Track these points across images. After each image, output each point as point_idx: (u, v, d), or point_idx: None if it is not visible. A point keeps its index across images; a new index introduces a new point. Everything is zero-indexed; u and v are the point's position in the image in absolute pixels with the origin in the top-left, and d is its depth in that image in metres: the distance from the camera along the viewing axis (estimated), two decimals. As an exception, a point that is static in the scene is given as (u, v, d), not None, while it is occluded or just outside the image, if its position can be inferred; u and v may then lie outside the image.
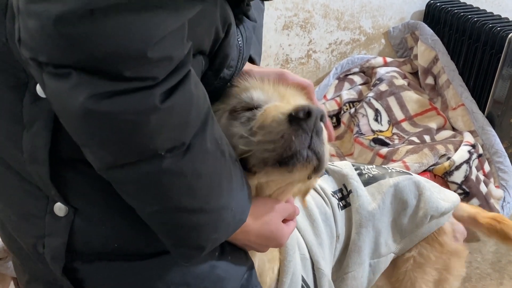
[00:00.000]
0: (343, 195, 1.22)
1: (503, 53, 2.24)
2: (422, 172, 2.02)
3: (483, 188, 2.09)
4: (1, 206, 0.76)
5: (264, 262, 0.93)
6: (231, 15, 0.70)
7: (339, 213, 1.19)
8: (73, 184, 0.68)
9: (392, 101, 2.50)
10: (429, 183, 1.31)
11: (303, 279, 1.04)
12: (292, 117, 0.69)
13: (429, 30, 2.64)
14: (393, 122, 2.47)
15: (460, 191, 2.04)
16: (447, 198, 1.29)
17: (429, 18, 2.77)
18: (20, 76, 0.63)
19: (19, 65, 0.62)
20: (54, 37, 0.49)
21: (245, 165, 0.74)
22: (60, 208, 0.68)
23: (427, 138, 2.31)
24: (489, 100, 2.36)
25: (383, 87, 2.54)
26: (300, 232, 1.09)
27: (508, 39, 2.21)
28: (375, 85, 2.59)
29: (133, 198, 0.63)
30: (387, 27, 2.82)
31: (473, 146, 2.18)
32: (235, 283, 0.80)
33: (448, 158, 2.07)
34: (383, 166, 1.31)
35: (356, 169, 1.25)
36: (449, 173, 2.05)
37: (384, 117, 2.48)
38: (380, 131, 2.43)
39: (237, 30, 0.76)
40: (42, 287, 0.79)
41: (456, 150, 2.15)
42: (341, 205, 1.20)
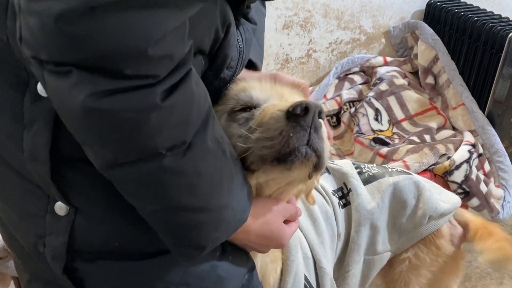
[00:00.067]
0: (343, 194, 1.21)
1: (503, 53, 2.23)
2: (422, 171, 2.02)
3: (483, 187, 2.08)
4: (1, 205, 0.76)
5: (267, 263, 0.92)
6: (231, 15, 0.70)
7: (340, 212, 1.19)
8: (74, 183, 0.68)
9: (392, 100, 2.50)
10: (430, 183, 1.30)
11: (306, 278, 1.04)
12: (290, 113, 0.68)
13: (429, 30, 2.64)
14: (393, 122, 2.47)
15: (460, 190, 2.04)
16: (447, 199, 1.28)
17: (429, 17, 2.77)
18: (21, 75, 0.63)
19: (20, 64, 0.62)
20: (55, 35, 0.48)
21: (244, 164, 0.74)
22: (60, 207, 0.68)
23: (427, 137, 2.31)
24: (489, 100, 2.36)
25: (383, 86, 2.53)
26: (302, 231, 1.09)
27: (508, 38, 2.20)
28: (375, 84, 2.58)
29: (133, 197, 0.63)
30: (387, 27, 2.82)
31: (473, 146, 2.17)
32: (236, 283, 0.80)
33: (448, 158, 2.07)
34: (384, 165, 1.31)
35: (356, 168, 1.25)
36: (449, 172, 2.04)
37: (384, 117, 2.47)
38: (380, 131, 2.43)
39: (237, 31, 0.76)
40: (43, 286, 0.79)
41: (456, 149, 2.15)
42: (341, 203, 1.20)
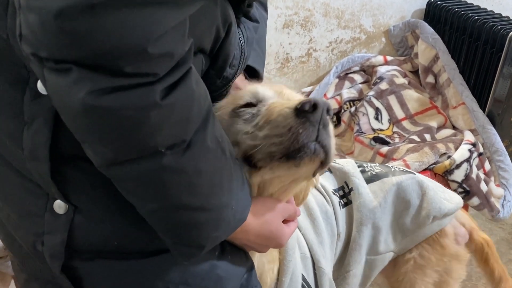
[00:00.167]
0: (344, 193, 1.21)
1: (503, 52, 2.23)
2: (423, 170, 2.02)
3: (483, 186, 2.08)
4: (0, 205, 0.76)
5: (264, 263, 0.92)
6: (232, 14, 0.70)
7: (340, 211, 1.18)
8: (73, 181, 0.67)
9: (392, 99, 2.50)
10: (433, 183, 1.29)
11: (304, 278, 1.03)
12: (298, 110, 0.68)
13: (429, 29, 2.64)
14: (394, 121, 2.47)
15: (460, 189, 2.04)
16: (451, 199, 1.28)
17: (429, 16, 2.77)
18: (21, 73, 0.63)
19: (20, 62, 0.62)
20: (55, 32, 0.48)
21: (250, 161, 0.74)
22: (59, 206, 0.68)
23: (427, 136, 2.30)
24: (489, 99, 2.36)
25: (383, 85, 2.53)
26: (300, 231, 1.09)
27: (508, 37, 2.20)
28: (375, 83, 2.58)
29: (133, 195, 0.63)
30: (387, 26, 2.81)
31: (474, 145, 2.17)
32: (235, 283, 0.80)
33: (449, 157, 2.07)
34: (387, 165, 1.30)
35: (359, 167, 1.24)
36: (449, 171, 2.04)
37: (385, 116, 2.47)
38: (381, 130, 2.42)
39: (238, 29, 0.76)
40: (41, 286, 0.79)
41: (456, 148, 2.14)
42: (342, 203, 1.19)
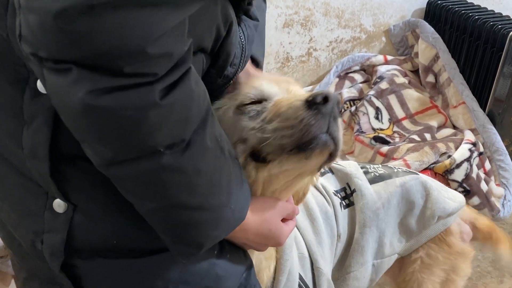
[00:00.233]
0: (346, 194, 1.20)
1: (504, 51, 2.24)
2: (423, 170, 2.02)
3: (483, 186, 2.09)
4: (0, 204, 0.76)
5: (261, 260, 0.92)
6: (233, 13, 0.70)
7: (341, 212, 1.17)
8: (73, 180, 0.68)
9: (392, 99, 2.50)
10: (435, 182, 1.29)
11: (301, 278, 1.03)
12: (310, 102, 0.69)
13: (430, 28, 2.64)
14: (394, 120, 2.47)
15: (460, 189, 2.04)
16: (454, 198, 1.27)
17: (429, 16, 2.77)
18: (21, 72, 0.63)
19: (20, 61, 0.62)
20: (55, 32, 0.48)
21: (258, 157, 0.74)
22: (59, 205, 0.68)
23: (427, 136, 2.31)
24: (490, 98, 2.36)
25: (383, 85, 2.53)
26: (299, 231, 1.08)
27: (509, 37, 2.20)
28: (375, 83, 2.59)
29: (132, 194, 0.63)
30: (387, 25, 2.82)
31: (474, 144, 2.17)
32: (234, 281, 0.80)
33: (449, 156, 2.07)
34: (389, 165, 1.30)
35: (361, 167, 1.24)
36: (449, 171, 2.04)
37: (385, 115, 2.47)
38: (381, 129, 2.43)
39: (239, 28, 0.76)
40: (40, 284, 0.79)
41: (456, 148, 2.15)
42: (343, 204, 1.19)
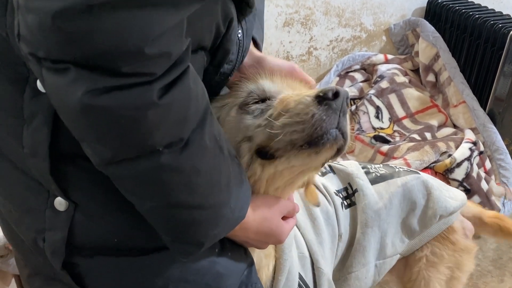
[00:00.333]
0: (348, 194, 1.20)
1: (504, 50, 2.23)
2: (423, 169, 2.02)
3: (484, 185, 2.08)
4: (2, 201, 0.77)
5: (261, 258, 0.93)
6: (233, 9, 0.70)
7: (343, 212, 1.17)
8: (73, 179, 0.68)
9: (393, 98, 2.50)
10: (436, 181, 1.29)
11: (301, 277, 1.03)
12: (320, 97, 0.69)
13: (430, 27, 2.64)
14: (394, 119, 2.47)
15: (461, 188, 2.04)
16: (455, 196, 1.27)
17: (430, 15, 2.77)
18: (21, 71, 0.63)
19: (19, 60, 0.62)
20: (53, 32, 0.49)
21: (264, 154, 0.75)
22: (60, 203, 0.68)
23: (428, 135, 2.31)
24: (490, 97, 2.36)
25: (384, 84, 2.53)
26: (300, 230, 1.08)
27: (509, 36, 2.20)
28: (376, 82, 2.58)
29: (132, 193, 0.63)
30: (388, 24, 2.81)
31: (474, 143, 2.17)
32: (235, 279, 0.80)
33: (449, 156, 2.07)
34: (390, 165, 1.30)
35: (363, 168, 1.24)
36: (450, 170, 2.04)
37: (385, 114, 2.47)
38: (381, 128, 2.43)
39: (239, 25, 0.76)
40: (43, 281, 0.80)
41: (457, 147, 2.15)
42: (345, 204, 1.19)
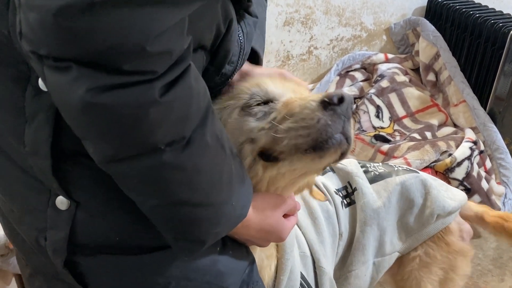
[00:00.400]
0: (348, 193, 1.21)
1: (505, 49, 2.23)
2: (424, 168, 2.02)
3: (484, 184, 2.08)
4: (3, 200, 0.77)
5: (263, 259, 0.93)
6: (233, 10, 0.71)
7: (343, 211, 1.18)
8: (75, 177, 0.68)
9: (393, 97, 2.50)
10: (436, 181, 1.29)
11: (303, 277, 1.03)
12: (325, 102, 0.70)
13: (430, 26, 2.64)
14: (395, 119, 2.47)
15: (461, 187, 2.04)
16: (454, 196, 1.27)
17: (430, 14, 2.77)
18: (22, 69, 0.63)
19: (21, 58, 0.62)
20: (54, 30, 0.49)
21: (267, 156, 0.75)
22: (62, 202, 0.68)
23: (428, 134, 2.31)
24: (490, 97, 2.36)
25: (384, 83, 2.53)
26: (301, 230, 1.09)
27: (509, 35, 2.20)
28: (376, 81, 2.59)
29: (133, 191, 0.63)
30: (388, 23, 2.81)
31: (475, 143, 2.17)
32: (236, 278, 0.80)
33: (450, 155, 2.07)
34: (389, 164, 1.30)
35: (362, 166, 1.24)
36: (450, 169, 2.04)
37: (386, 114, 2.48)
38: (382, 128, 2.43)
39: (238, 26, 0.76)
40: (44, 280, 0.80)
41: (457, 146, 2.15)
42: (345, 203, 1.19)
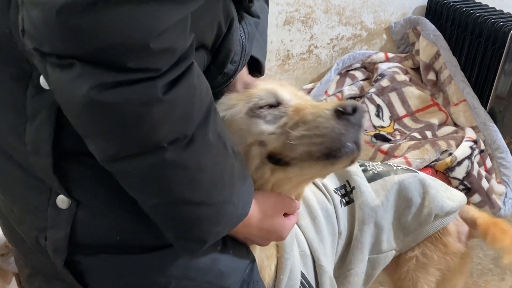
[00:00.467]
0: (346, 192, 1.21)
1: (505, 48, 2.23)
2: (424, 168, 2.02)
3: (484, 183, 2.08)
4: (3, 199, 0.77)
5: (263, 259, 0.93)
6: (234, 10, 0.71)
7: (342, 209, 1.18)
8: (76, 176, 0.68)
9: (393, 96, 2.50)
10: (435, 181, 1.29)
11: (304, 276, 1.03)
12: (340, 112, 0.72)
13: (431, 26, 2.63)
14: (395, 118, 2.47)
15: (461, 187, 2.04)
16: (453, 197, 1.28)
17: (431, 13, 2.76)
18: (24, 68, 0.63)
19: (22, 57, 0.62)
20: (58, 27, 0.49)
21: (277, 160, 0.77)
22: (62, 201, 0.68)
23: (428, 134, 2.30)
24: (491, 96, 2.36)
25: (384, 82, 2.53)
26: (301, 229, 1.09)
27: (510, 34, 2.20)
28: (376, 80, 2.58)
29: (135, 190, 0.63)
30: (388, 22, 2.81)
31: (475, 142, 2.17)
32: (237, 277, 0.80)
33: (450, 154, 2.07)
34: (388, 163, 1.31)
35: (360, 165, 1.25)
36: (450, 169, 2.04)
37: (386, 113, 2.47)
38: (382, 127, 2.43)
39: (239, 25, 0.76)
40: (44, 280, 0.79)
41: (457, 146, 2.14)
42: (344, 201, 1.20)
